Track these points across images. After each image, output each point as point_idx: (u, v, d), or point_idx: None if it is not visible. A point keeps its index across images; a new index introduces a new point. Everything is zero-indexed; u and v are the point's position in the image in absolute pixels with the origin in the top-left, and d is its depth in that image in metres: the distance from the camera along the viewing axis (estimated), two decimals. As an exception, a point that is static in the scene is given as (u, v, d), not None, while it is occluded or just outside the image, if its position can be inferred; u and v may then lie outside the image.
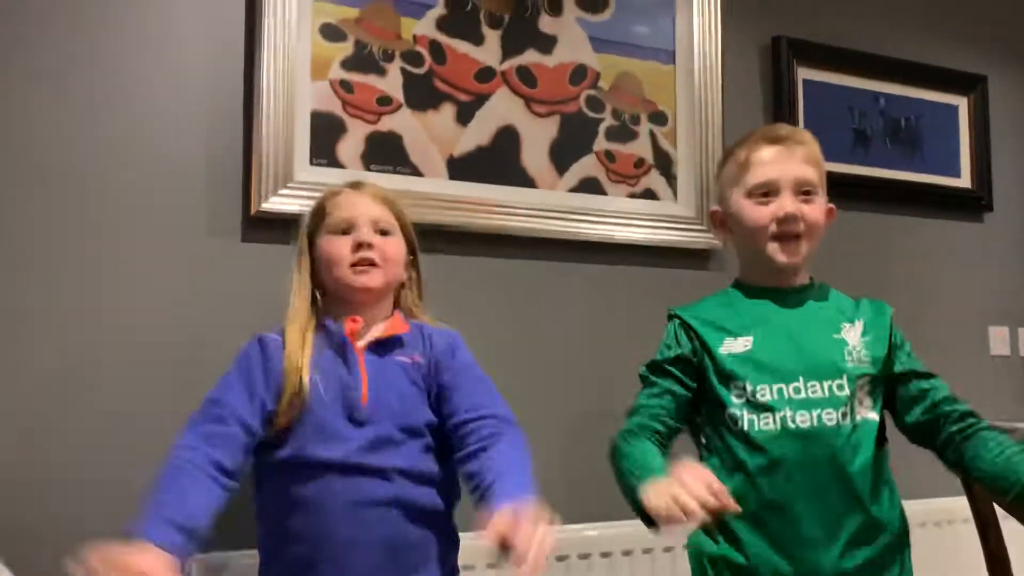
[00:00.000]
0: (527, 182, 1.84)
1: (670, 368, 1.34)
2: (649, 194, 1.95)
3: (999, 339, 2.38)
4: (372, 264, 1.32)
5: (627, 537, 1.75)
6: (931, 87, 2.34)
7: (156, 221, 1.55)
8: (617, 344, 1.89)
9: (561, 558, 1.71)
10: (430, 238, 1.67)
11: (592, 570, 1.73)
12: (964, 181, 2.37)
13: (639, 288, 1.94)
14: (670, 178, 1.98)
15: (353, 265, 1.32)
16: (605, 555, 1.75)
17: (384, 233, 1.36)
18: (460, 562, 1.36)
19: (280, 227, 1.60)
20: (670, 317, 1.41)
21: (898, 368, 1.33)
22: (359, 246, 1.32)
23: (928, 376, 1.34)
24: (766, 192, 1.33)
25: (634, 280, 1.94)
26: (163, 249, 1.55)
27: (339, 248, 1.33)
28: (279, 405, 1.25)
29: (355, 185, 1.41)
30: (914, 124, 2.32)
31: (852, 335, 1.32)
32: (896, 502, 1.29)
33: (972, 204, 2.38)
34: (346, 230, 1.34)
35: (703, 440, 1.35)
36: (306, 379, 1.25)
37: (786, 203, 1.31)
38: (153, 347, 1.53)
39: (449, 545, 1.33)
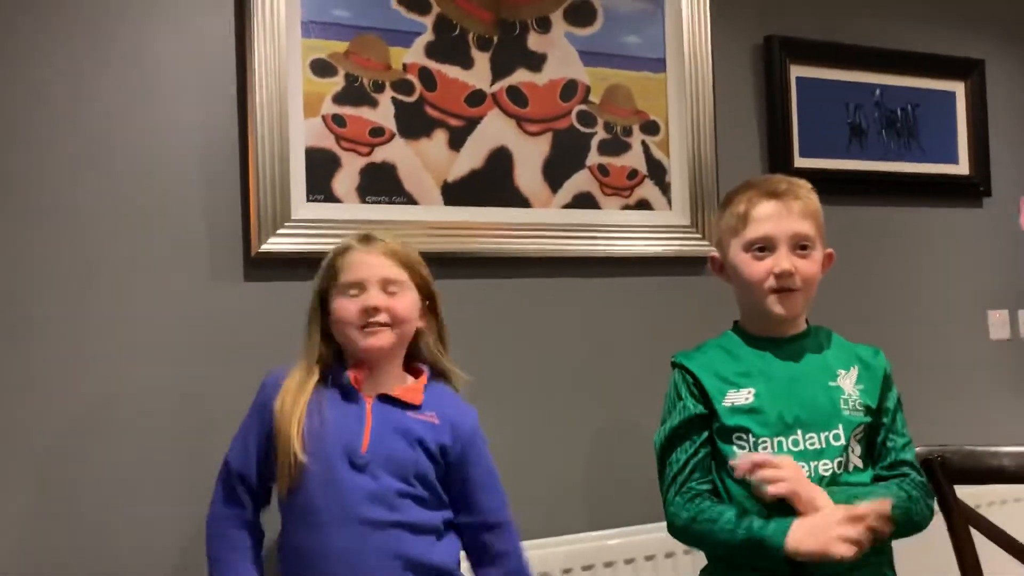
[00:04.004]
0: (522, 202, 1.87)
1: (693, 425, 1.39)
2: (643, 205, 1.98)
3: (998, 322, 2.40)
4: (383, 325, 1.36)
5: (652, 543, 1.82)
6: (928, 75, 2.34)
7: (159, 268, 1.60)
8: (623, 354, 1.95)
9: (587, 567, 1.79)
10: (428, 266, 1.72)
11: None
12: (962, 168, 2.37)
13: (640, 298, 1.98)
14: (664, 187, 2.00)
15: (362, 328, 1.36)
16: (628, 561, 1.82)
17: (394, 292, 1.38)
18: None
19: (281, 265, 1.65)
20: (674, 365, 1.45)
21: (881, 419, 1.38)
22: (367, 311, 1.36)
23: (902, 436, 1.39)
24: (763, 247, 1.37)
25: (634, 291, 1.98)
26: (168, 294, 1.60)
27: (348, 310, 1.37)
28: (277, 472, 1.32)
29: (365, 240, 1.42)
30: (910, 114, 2.31)
31: (847, 383, 1.36)
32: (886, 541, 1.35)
33: (970, 191, 2.38)
34: (355, 291, 1.37)
35: None
36: (299, 452, 1.30)
37: (782, 260, 1.35)
38: (162, 390, 1.59)
39: None
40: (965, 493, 1.44)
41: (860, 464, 1.33)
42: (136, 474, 1.56)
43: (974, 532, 1.42)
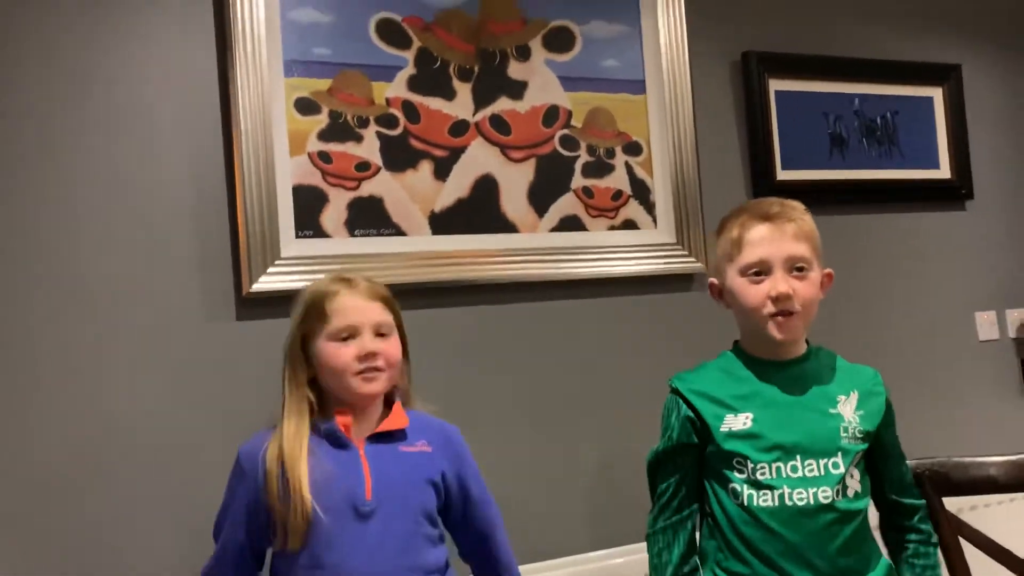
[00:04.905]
0: (509, 228, 1.89)
1: (678, 453, 1.40)
2: (629, 224, 2.00)
3: (986, 323, 2.42)
4: (378, 370, 1.34)
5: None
6: (905, 81, 2.36)
7: (152, 311, 1.62)
8: (616, 372, 1.97)
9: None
10: (419, 295, 1.75)
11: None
12: (943, 172, 2.40)
13: (630, 317, 2.00)
14: (648, 206, 2.02)
15: (358, 374, 1.33)
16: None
17: (384, 335, 1.37)
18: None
19: (273, 303, 1.67)
20: (672, 390, 1.45)
21: (882, 444, 1.41)
22: (365, 357, 1.33)
23: (902, 459, 1.43)
24: (759, 271, 1.37)
25: (624, 310, 2.00)
26: (162, 337, 1.62)
27: (344, 357, 1.33)
28: (288, 527, 1.28)
29: (348, 282, 1.38)
30: (890, 121, 2.34)
31: (847, 409, 1.36)
32: (881, 558, 1.37)
33: (953, 194, 2.40)
34: (348, 337, 1.34)
35: (706, 507, 1.41)
36: (308, 506, 1.27)
37: (779, 283, 1.34)
38: (157, 431, 1.61)
39: None
40: (947, 499, 1.47)
41: (859, 488, 1.34)
42: (129, 512, 1.58)
43: (962, 540, 1.44)
